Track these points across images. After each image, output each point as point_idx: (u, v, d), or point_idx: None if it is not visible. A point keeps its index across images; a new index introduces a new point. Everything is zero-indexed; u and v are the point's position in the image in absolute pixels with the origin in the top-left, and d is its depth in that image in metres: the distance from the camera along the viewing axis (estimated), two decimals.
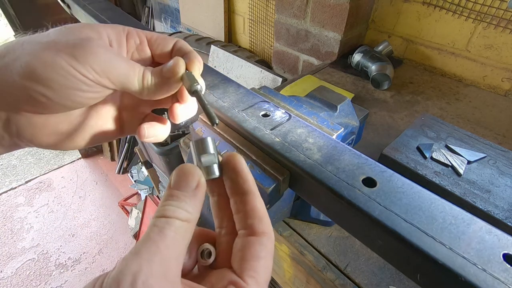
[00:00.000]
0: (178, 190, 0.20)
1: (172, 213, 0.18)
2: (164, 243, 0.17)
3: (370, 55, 0.92)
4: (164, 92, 0.26)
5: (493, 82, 0.90)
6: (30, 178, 2.39)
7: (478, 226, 0.23)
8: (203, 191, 0.21)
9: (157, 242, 0.17)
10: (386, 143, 0.53)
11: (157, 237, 0.17)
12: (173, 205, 0.19)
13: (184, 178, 0.20)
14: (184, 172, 0.20)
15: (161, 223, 0.18)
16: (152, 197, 1.75)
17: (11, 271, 1.82)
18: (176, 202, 0.19)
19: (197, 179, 0.20)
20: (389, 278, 0.46)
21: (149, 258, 0.16)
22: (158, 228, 0.17)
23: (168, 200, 0.19)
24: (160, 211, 0.19)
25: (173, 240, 0.17)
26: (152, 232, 0.17)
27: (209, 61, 1.45)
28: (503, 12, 0.79)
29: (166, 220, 0.18)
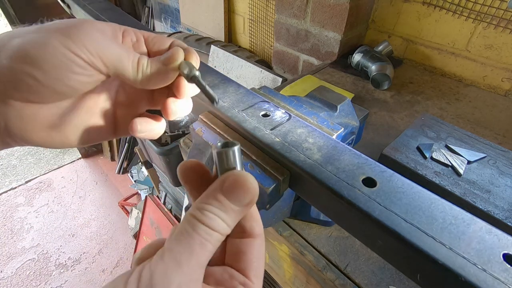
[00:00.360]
0: (229, 201, 0.19)
1: (217, 226, 0.18)
2: (205, 257, 0.17)
3: (370, 55, 0.92)
4: (160, 80, 0.25)
5: (493, 82, 0.90)
6: (30, 178, 2.39)
7: (478, 226, 0.23)
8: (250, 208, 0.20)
9: (199, 256, 0.17)
10: (386, 143, 0.53)
11: (200, 250, 0.17)
12: (219, 216, 0.18)
13: (241, 190, 0.19)
14: (243, 184, 0.19)
15: (205, 234, 0.17)
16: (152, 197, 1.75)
17: (11, 271, 1.82)
18: (223, 214, 0.19)
19: (251, 197, 0.20)
20: (389, 278, 0.46)
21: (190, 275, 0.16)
22: (200, 239, 0.17)
23: (215, 207, 0.19)
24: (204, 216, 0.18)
25: (210, 254, 0.18)
26: (194, 240, 0.17)
27: (209, 61, 1.45)
28: (503, 12, 0.79)
29: (210, 233, 0.18)
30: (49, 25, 0.21)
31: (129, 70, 0.23)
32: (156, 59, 0.25)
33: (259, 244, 0.21)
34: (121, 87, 0.28)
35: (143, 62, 0.24)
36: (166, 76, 0.25)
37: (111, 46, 0.22)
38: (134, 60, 0.24)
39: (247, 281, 0.19)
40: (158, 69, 0.25)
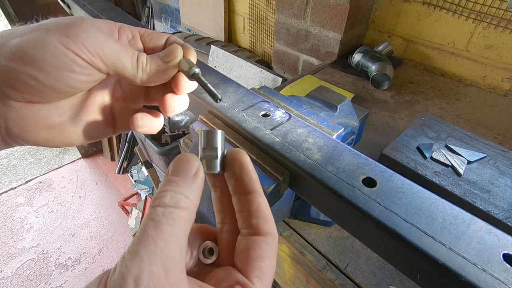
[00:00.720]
0: (176, 176, 0.19)
1: (169, 200, 0.17)
2: (162, 239, 0.16)
3: (370, 55, 0.92)
4: (160, 77, 0.25)
5: (493, 82, 0.90)
6: (30, 178, 2.39)
7: (478, 226, 0.23)
8: (201, 178, 0.20)
9: (154, 238, 0.16)
10: (386, 143, 0.53)
11: (154, 233, 0.16)
12: (170, 190, 0.18)
13: (182, 164, 0.19)
14: (182, 159, 0.20)
15: (157, 215, 0.17)
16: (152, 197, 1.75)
17: (11, 271, 1.82)
18: (174, 187, 0.18)
19: (196, 166, 0.20)
20: (389, 278, 0.46)
21: (149, 259, 0.15)
22: (153, 222, 0.16)
23: (165, 186, 0.18)
24: (156, 199, 0.17)
25: (172, 234, 0.16)
26: (149, 227, 0.16)
27: (209, 61, 1.45)
28: (503, 12, 0.79)
29: (162, 211, 0.17)
30: (47, 24, 0.21)
31: (129, 68, 0.23)
32: (155, 56, 0.25)
33: (267, 243, 0.20)
34: (118, 84, 0.28)
35: (142, 59, 0.24)
36: (165, 73, 0.25)
37: (109, 44, 0.22)
38: (133, 57, 0.24)
39: (246, 281, 0.18)
40: (158, 66, 0.25)
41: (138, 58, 0.24)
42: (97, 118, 0.27)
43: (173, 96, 0.27)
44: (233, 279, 0.18)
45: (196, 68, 0.25)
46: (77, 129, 0.26)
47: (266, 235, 0.20)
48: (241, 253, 0.19)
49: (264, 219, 0.20)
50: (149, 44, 0.26)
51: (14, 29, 0.21)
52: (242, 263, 0.19)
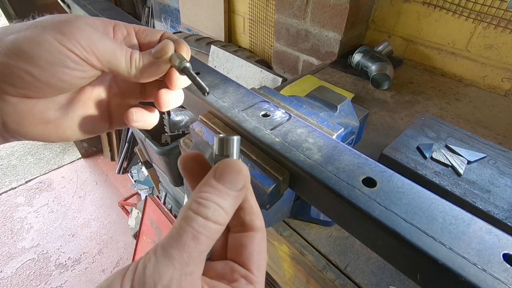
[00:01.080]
0: (223, 185, 0.19)
1: (211, 214, 0.17)
2: (198, 251, 0.16)
3: (370, 55, 0.92)
4: (153, 72, 0.26)
5: (493, 82, 0.90)
6: (30, 178, 2.39)
7: (478, 226, 0.23)
8: (245, 193, 0.20)
9: (191, 249, 0.16)
10: (386, 143, 0.53)
11: (192, 243, 0.16)
12: (214, 202, 0.18)
13: (233, 173, 0.19)
14: (233, 167, 0.19)
15: (198, 226, 0.17)
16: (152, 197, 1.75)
17: (11, 271, 1.82)
18: (218, 198, 0.18)
19: (244, 180, 0.20)
20: (389, 278, 0.46)
21: (181, 269, 0.15)
22: (193, 232, 0.16)
23: (209, 193, 0.18)
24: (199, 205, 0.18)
25: (206, 247, 0.17)
26: (187, 234, 0.16)
27: (209, 61, 1.45)
28: (503, 12, 0.79)
29: (204, 223, 0.17)
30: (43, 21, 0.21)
31: (123, 65, 0.24)
32: (147, 52, 0.25)
33: (260, 237, 0.21)
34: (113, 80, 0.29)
35: (135, 56, 0.24)
36: (158, 68, 0.25)
37: (104, 42, 0.23)
38: (127, 54, 0.24)
39: (249, 273, 0.19)
40: (150, 62, 0.25)
41: (132, 55, 0.24)
42: (93, 114, 0.27)
43: (167, 91, 0.27)
44: (236, 273, 0.19)
45: (186, 62, 0.25)
46: (73, 124, 0.26)
47: (259, 231, 0.21)
48: (238, 249, 0.20)
49: (256, 216, 0.21)
50: (144, 40, 0.27)
51: (11, 26, 0.22)
52: (241, 257, 0.20)
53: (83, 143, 2.51)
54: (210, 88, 0.41)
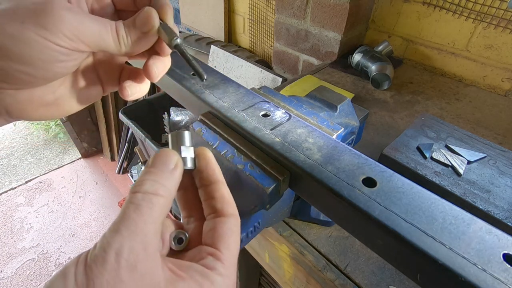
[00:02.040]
0: (155, 168, 0.20)
1: (148, 188, 0.19)
2: (142, 220, 0.17)
3: (370, 55, 0.92)
4: (142, 46, 0.25)
5: (493, 82, 0.90)
6: (30, 178, 2.39)
7: (478, 226, 0.23)
8: (180, 172, 0.21)
9: (135, 219, 0.17)
10: (386, 143, 0.53)
11: (134, 215, 0.17)
12: (149, 179, 0.19)
13: (162, 158, 0.21)
14: (162, 154, 0.21)
15: (137, 199, 0.18)
16: None
17: (11, 271, 1.82)
18: (153, 177, 0.20)
19: (175, 160, 0.21)
20: (389, 278, 0.46)
21: (129, 236, 0.16)
22: (134, 205, 0.18)
23: (144, 176, 0.20)
24: (136, 186, 0.19)
25: (150, 217, 0.18)
26: (129, 209, 0.17)
27: (209, 61, 1.45)
28: (503, 12, 0.79)
29: (142, 196, 0.18)
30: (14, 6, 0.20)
31: (111, 45, 0.23)
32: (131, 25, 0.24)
33: (232, 222, 0.22)
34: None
35: (121, 33, 0.24)
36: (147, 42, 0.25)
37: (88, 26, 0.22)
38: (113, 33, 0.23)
39: (216, 251, 0.20)
40: (138, 37, 0.24)
41: (118, 32, 0.23)
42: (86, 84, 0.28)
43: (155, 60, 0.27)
44: (204, 252, 0.20)
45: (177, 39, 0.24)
46: (71, 98, 0.27)
47: (230, 217, 0.22)
48: (209, 232, 0.21)
49: (228, 203, 0.23)
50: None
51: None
52: (210, 239, 0.21)
53: (83, 143, 2.51)
54: (210, 88, 0.41)
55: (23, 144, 2.71)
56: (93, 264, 0.15)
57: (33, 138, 2.78)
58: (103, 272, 0.15)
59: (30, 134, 2.81)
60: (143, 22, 0.24)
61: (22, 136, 2.80)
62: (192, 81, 0.42)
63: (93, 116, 2.40)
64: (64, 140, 2.74)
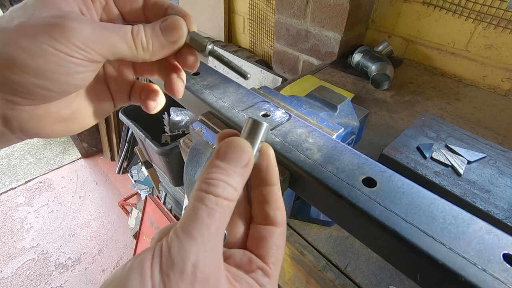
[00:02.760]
0: (228, 164, 0.19)
1: (222, 192, 0.18)
2: (215, 227, 0.17)
3: (370, 55, 0.92)
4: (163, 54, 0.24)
5: (493, 82, 0.90)
6: (30, 178, 2.39)
7: (478, 226, 0.23)
8: (250, 170, 0.20)
9: (208, 225, 0.17)
10: (386, 143, 0.53)
11: (208, 220, 0.17)
12: (222, 180, 0.18)
13: (236, 152, 0.20)
14: (236, 145, 0.20)
15: (211, 202, 0.17)
16: (152, 197, 1.75)
17: (11, 271, 1.82)
18: (225, 176, 0.19)
19: (249, 156, 0.20)
20: (389, 278, 0.46)
21: (204, 245, 0.16)
22: (207, 209, 0.17)
23: (216, 173, 0.19)
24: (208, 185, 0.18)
25: (221, 222, 0.17)
26: (202, 212, 0.17)
27: (209, 61, 1.45)
28: (503, 12, 0.79)
29: (216, 200, 0.18)
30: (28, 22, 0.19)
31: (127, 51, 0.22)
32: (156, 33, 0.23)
33: (280, 233, 0.21)
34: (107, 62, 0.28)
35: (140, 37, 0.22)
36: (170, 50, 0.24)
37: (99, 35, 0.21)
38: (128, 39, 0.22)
39: (265, 266, 0.20)
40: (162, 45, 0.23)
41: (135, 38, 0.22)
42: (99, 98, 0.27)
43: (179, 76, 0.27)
44: (254, 264, 0.20)
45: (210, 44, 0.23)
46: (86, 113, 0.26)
47: (281, 226, 0.22)
48: (258, 241, 0.21)
49: (281, 211, 0.22)
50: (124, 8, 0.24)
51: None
52: (259, 249, 0.21)
53: (83, 143, 2.51)
54: (210, 88, 0.41)
55: (23, 144, 2.71)
56: (171, 272, 0.15)
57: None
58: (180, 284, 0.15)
59: None
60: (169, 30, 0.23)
61: None
62: (192, 81, 0.42)
63: None
64: (64, 140, 2.74)
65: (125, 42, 0.22)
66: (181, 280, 0.15)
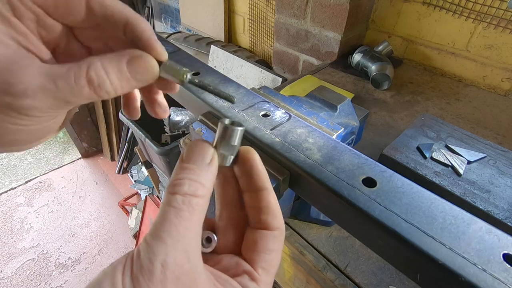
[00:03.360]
0: (192, 164, 0.19)
1: (187, 189, 0.18)
2: (183, 226, 0.17)
3: (370, 55, 0.92)
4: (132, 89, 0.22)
5: (493, 82, 0.90)
6: (30, 178, 2.39)
7: (478, 226, 0.23)
8: (216, 166, 0.20)
9: (177, 225, 0.16)
10: (386, 143, 0.53)
11: (176, 220, 0.17)
12: (187, 178, 0.18)
13: (197, 152, 0.20)
14: (197, 146, 0.20)
15: (177, 203, 0.17)
16: (152, 197, 1.75)
17: (11, 271, 1.82)
18: (190, 175, 0.18)
19: (211, 154, 0.20)
20: (389, 278, 0.46)
21: (173, 245, 0.16)
22: (175, 210, 0.17)
23: (181, 174, 0.19)
24: (174, 186, 0.18)
25: (191, 221, 0.17)
26: (169, 214, 0.17)
27: (209, 61, 1.45)
28: (503, 12, 0.79)
29: (182, 199, 0.17)
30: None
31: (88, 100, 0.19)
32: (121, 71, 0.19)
33: (275, 237, 0.21)
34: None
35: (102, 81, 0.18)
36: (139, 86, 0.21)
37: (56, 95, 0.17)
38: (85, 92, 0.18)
39: (253, 271, 0.19)
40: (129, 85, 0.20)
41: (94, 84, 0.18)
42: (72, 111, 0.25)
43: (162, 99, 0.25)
44: (241, 268, 0.19)
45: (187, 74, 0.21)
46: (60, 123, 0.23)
47: (275, 230, 0.21)
48: (250, 245, 0.20)
49: (273, 215, 0.21)
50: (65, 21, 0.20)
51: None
52: (249, 254, 0.20)
53: (83, 143, 2.51)
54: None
55: None
56: (140, 275, 0.15)
57: None
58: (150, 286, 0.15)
59: None
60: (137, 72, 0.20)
61: None
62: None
63: (93, 116, 2.40)
64: (64, 140, 2.74)
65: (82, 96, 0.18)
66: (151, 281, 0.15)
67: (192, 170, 0.19)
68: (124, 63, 0.19)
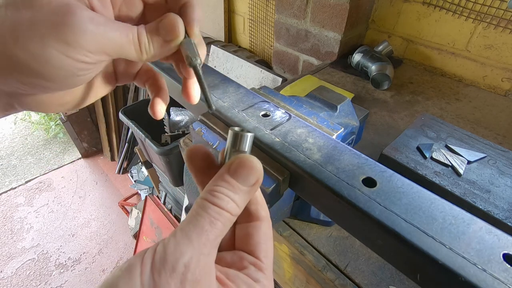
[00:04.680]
0: (236, 181, 0.20)
1: (225, 205, 0.19)
2: (213, 235, 0.18)
3: (370, 55, 0.92)
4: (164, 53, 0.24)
5: (493, 82, 0.90)
6: (30, 178, 2.39)
7: (478, 226, 0.23)
8: (257, 189, 0.21)
9: (207, 232, 0.17)
10: (386, 143, 0.53)
11: (209, 227, 0.17)
12: (228, 195, 0.19)
13: (247, 170, 0.20)
14: (248, 164, 0.20)
15: (214, 212, 0.18)
16: (152, 197, 1.75)
17: (11, 271, 1.82)
18: (231, 193, 0.19)
19: (257, 176, 0.20)
20: (389, 278, 0.46)
21: (199, 249, 0.17)
22: (210, 218, 0.18)
23: (223, 188, 0.19)
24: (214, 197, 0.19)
25: (220, 232, 0.18)
26: (203, 219, 0.18)
27: (209, 61, 1.45)
28: (503, 12, 0.79)
29: (219, 211, 0.18)
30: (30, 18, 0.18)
31: (133, 54, 0.22)
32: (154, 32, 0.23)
33: (266, 226, 0.22)
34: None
35: (144, 41, 0.22)
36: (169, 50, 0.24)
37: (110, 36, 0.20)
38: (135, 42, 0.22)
39: (257, 261, 0.20)
40: (160, 45, 0.23)
41: (140, 41, 0.22)
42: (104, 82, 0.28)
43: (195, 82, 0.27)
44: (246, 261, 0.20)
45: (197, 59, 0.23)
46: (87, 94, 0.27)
47: (264, 220, 0.22)
48: (245, 238, 0.21)
49: (261, 206, 0.22)
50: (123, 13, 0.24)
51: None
52: (248, 246, 0.21)
53: (83, 143, 2.51)
54: (210, 88, 0.41)
55: (23, 144, 2.71)
56: (162, 269, 0.15)
57: (33, 138, 2.78)
58: (170, 282, 0.15)
59: (30, 134, 2.81)
60: (166, 30, 0.23)
61: (22, 136, 2.80)
62: None
63: (93, 116, 2.40)
64: (64, 140, 2.74)
65: (133, 47, 0.22)
66: (171, 278, 0.15)
67: (234, 188, 0.19)
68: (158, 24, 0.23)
